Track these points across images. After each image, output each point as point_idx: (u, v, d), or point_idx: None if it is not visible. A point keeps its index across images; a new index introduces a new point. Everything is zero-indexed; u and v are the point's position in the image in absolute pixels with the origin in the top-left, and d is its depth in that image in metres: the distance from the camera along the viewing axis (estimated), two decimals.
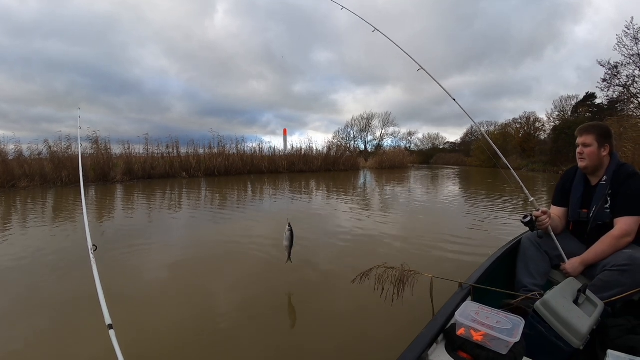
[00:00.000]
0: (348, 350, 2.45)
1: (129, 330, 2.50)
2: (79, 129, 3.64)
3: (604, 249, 2.13)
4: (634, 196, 2.15)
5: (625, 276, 1.93)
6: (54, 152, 14.74)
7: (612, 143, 2.34)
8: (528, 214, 2.38)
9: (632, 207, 2.14)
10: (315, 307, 3.14)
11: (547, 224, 2.32)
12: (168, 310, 2.97)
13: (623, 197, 2.18)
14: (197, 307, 3.05)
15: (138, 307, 3.05)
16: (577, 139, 2.40)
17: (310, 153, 25.62)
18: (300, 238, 5.39)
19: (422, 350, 1.40)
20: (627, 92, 24.46)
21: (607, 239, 2.15)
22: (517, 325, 1.45)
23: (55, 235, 5.68)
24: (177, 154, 19.64)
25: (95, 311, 1.79)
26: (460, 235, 5.80)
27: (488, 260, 2.38)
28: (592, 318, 1.66)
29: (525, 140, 42.36)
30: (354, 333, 2.66)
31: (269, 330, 2.68)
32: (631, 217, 2.13)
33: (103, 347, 1.92)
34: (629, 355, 1.42)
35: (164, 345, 2.46)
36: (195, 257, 4.45)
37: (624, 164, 2.32)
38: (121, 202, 9.73)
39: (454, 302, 1.77)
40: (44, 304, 3.16)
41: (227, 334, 2.60)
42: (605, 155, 2.30)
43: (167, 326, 2.70)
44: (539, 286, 2.23)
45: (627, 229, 2.11)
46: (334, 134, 56.84)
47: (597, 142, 2.29)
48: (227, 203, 9.43)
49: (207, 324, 2.76)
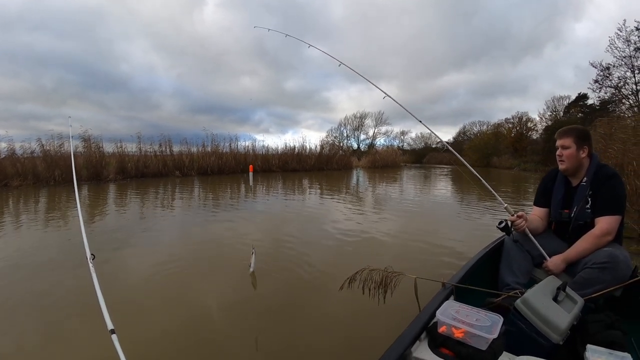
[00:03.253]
0: (335, 349, 2.51)
1: (129, 334, 2.51)
2: (70, 128, 3.65)
3: (585, 247, 2.20)
4: (614, 196, 2.23)
5: (605, 273, 2.01)
6: (47, 151, 14.63)
7: (590, 145, 2.40)
8: (503, 220, 2.48)
9: (612, 207, 2.22)
10: (305, 308, 3.19)
11: (523, 226, 2.40)
12: (161, 316, 2.99)
13: (603, 197, 2.25)
14: (186, 312, 3.05)
15: (136, 311, 3.05)
16: (556, 142, 2.47)
17: (303, 152, 25.70)
18: (290, 239, 5.49)
19: (406, 347, 1.46)
20: (618, 94, 24.75)
21: (589, 237, 2.22)
22: (495, 323, 1.51)
23: (50, 239, 5.66)
24: (170, 153, 19.55)
25: (94, 316, 1.81)
26: (448, 235, 5.92)
27: (471, 260, 2.46)
28: (572, 314, 1.72)
29: (518, 140, 42.67)
30: (341, 333, 2.72)
31: (261, 332, 2.72)
32: (612, 217, 2.20)
33: (104, 352, 1.93)
34: (608, 349, 1.49)
35: (159, 349, 2.48)
36: (185, 260, 4.42)
37: (604, 165, 2.40)
38: (114, 202, 9.72)
39: (437, 301, 1.83)
40: (44, 307, 3.15)
41: (217, 338, 2.64)
42: (584, 157, 2.38)
43: (161, 331, 2.72)
44: (521, 284, 2.30)
45: (608, 228, 2.18)
46: (327, 132, 57.07)
47: (575, 145, 2.36)
48: (219, 203, 9.44)
49: (196, 328, 2.77)
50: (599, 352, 1.48)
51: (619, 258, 2.01)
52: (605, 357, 1.45)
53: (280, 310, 3.12)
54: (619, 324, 1.75)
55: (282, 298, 3.38)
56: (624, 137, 7.60)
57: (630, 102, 23.87)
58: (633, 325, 1.98)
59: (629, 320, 2.04)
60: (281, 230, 6.36)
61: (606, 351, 1.48)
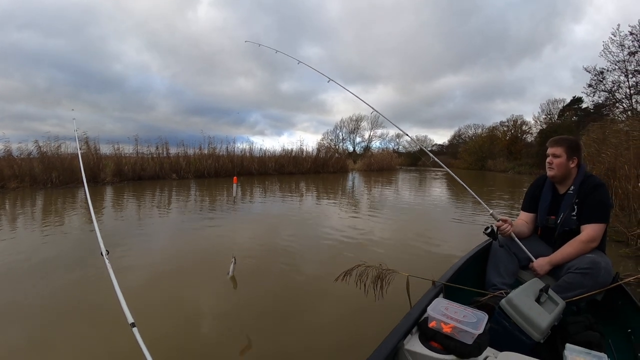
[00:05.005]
0: (331, 343, 2.63)
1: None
2: (75, 131, 3.68)
3: (570, 252, 2.31)
4: (599, 205, 2.34)
5: (587, 278, 2.11)
6: (44, 153, 14.56)
7: (580, 156, 2.51)
8: (489, 225, 2.57)
9: (598, 216, 2.33)
10: (301, 306, 3.31)
11: (509, 230, 2.52)
12: (153, 322, 3.00)
13: (590, 206, 2.37)
14: (183, 315, 3.09)
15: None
16: (547, 150, 2.59)
17: (300, 155, 25.69)
18: (286, 241, 5.58)
19: (398, 340, 1.59)
20: (612, 97, 25.07)
21: (575, 242, 2.33)
22: (481, 320, 1.63)
23: (56, 240, 5.62)
24: (167, 155, 19.47)
25: (114, 311, 1.90)
26: (439, 237, 6.12)
27: (460, 260, 2.58)
28: (552, 315, 1.83)
29: (512, 143, 42.96)
30: (337, 328, 2.86)
31: (255, 332, 2.81)
32: (597, 225, 2.32)
33: (126, 345, 2.03)
34: (586, 349, 1.61)
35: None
36: (180, 265, 4.46)
37: (591, 175, 2.51)
38: (111, 204, 9.74)
39: (427, 298, 1.96)
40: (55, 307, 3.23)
41: (214, 341, 2.70)
42: (573, 167, 2.49)
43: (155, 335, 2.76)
44: (507, 285, 2.42)
45: (593, 235, 2.29)
46: (323, 135, 57.10)
47: (566, 154, 2.47)
48: (215, 207, 9.50)
49: (192, 331, 2.82)
50: (577, 351, 1.58)
51: (601, 265, 2.11)
52: (583, 356, 1.54)
53: (273, 310, 3.21)
54: (597, 326, 1.85)
55: (273, 299, 3.47)
56: (616, 141, 7.74)
57: (624, 105, 24.19)
58: (611, 327, 2.11)
59: (608, 323, 2.17)
60: (277, 232, 6.46)
61: (584, 351, 1.58)
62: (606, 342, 1.84)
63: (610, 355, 1.68)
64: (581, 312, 2.24)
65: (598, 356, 1.53)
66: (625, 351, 1.93)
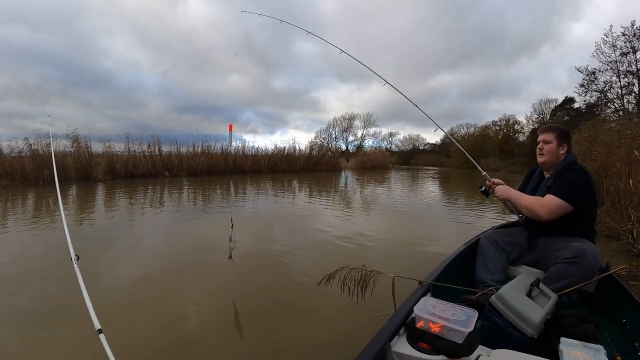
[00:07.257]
0: (318, 347, 2.58)
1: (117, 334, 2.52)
2: (49, 126, 3.60)
3: (524, 199, 2.45)
4: (567, 185, 2.31)
5: (574, 267, 2.10)
6: (35, 150, 14.30)
7: (569, 144, 2.52)
8: (482, 185, 2.76)
9: (560, 191, 2.30)
10: (287, 309, 3.23)
11: (502, 185, 2.66)
12: (145, 316, 3.01)
13: (556, 183, 2.38)
14: (171, 314, 3.06)
15: (121, 312, 3.03)
16: (538, 137, 2.61)
17: (293, 153, 25.66)
18: (275, 240, 5.54)
19: (385, 342, 1.53)
20: (604, 97, 25.27)
21: (533, 198, 2.41)
22: (471, 317, 1.58)
23: (36, 241, 5.56)
24: (159, 153, 19.28)
25: (81, 317, 1.80)
26: (427, 235, 6.11)
27: (447, 258, 2.56)
28: (545, 309, 1.79)
29: (504, 142, 43.21)
30: (322, 331, 2.80)
31: (244, 332, 2.80)
32: (556, 198, 2.29)
33: (93, 352, 1.94)
34: (581, 341, 1.57)
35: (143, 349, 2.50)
36: (170, 263, 4.40)
37: (575, 162, 2.49)
38: (103, 203, 9.63)
39: (414, 298, 1.90)
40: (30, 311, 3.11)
41: (201, 340, 2.66)
42: (562, 154, 2.49)
43: (145, 330, 2.74)
44: (497, 281, 2.38)
45: (547, 203, 2.30)
46: (315, 133, 57.09)
47: (556, 140, 2.48)
48: (208, 205, 9.44)
49: (180, 330, 2.78)
50: (572, 344, 1.53)
51: (587, 252, 2.10)
52: (579, 349, 1.50)
53: (257, 309, 3.17)
54: (592, 318, 1.82)
55: (262, 297, 3.44)
56: (608, 140, 7.80)
57: (616, 105, 24.40)
58: (606, 319, 2.07)
59: (602, 314, 2.14)
60: (267, 230, 6.44)
61: (580, 343, 1.53)
62: (602, 334, 1.81)
63: (606, 346, 1.65)
64: (573, 305, 2.23)
65: (595, 348, 1.49)
66: (621, 341, 1.91)
